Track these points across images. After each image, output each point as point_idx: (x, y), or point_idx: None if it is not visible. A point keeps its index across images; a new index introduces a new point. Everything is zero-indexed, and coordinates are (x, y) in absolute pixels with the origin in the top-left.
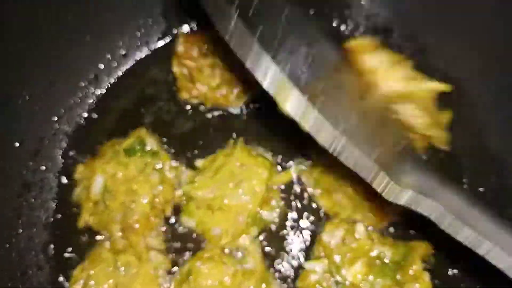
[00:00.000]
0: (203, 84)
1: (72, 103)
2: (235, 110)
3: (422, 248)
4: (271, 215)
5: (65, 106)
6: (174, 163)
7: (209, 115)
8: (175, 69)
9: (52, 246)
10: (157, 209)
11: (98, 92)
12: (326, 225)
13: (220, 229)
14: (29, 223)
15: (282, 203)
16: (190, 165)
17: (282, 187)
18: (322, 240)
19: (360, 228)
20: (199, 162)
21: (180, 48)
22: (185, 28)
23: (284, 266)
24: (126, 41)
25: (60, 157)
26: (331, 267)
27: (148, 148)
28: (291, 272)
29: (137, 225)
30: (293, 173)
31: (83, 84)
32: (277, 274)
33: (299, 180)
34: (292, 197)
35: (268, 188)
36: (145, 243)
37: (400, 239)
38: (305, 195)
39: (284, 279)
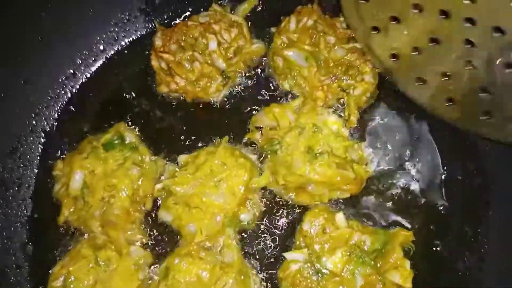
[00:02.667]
0: (182, 77)
1: (49, 100)
2: (215, 104)
3: (402, 235)
4: (248, 217)
5: (41, 103)
6: (154, 158)
7: (189, 109)
8: (154, 63)
9: (30, 244)
10: (137, 203)
11: (76, 87)
12: (306, 214)
13: (196, 227)
14: (6, 222)
15: (260, 205)
16: (171, 160)
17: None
18: (302, 229)
19: (340, 217)
20: (181, 158)
21: (158, 42)
22: (163, 21)
23: (263, 258)
24: (103, 35)
25: (38, 154)
26: (311, 257)
27: (127, 142)
28: (270, 263)
29: (117, 220)
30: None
31: (60, 80)
32: (256, 266)
33: None
34: (269, 197)
35: (247, 189)
36: (125, 238)
37: (380, 226)
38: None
39: (263, 270)
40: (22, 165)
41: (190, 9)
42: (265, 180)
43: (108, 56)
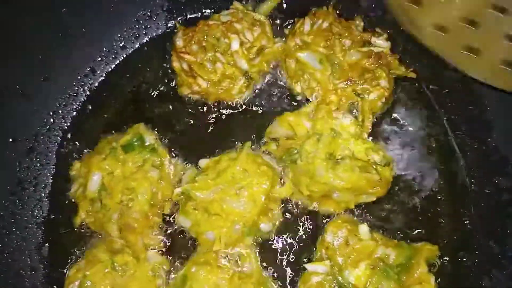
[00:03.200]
0: (204, 79)
1: (68, 98)
2: (238, 105)
3: (427, 250)
4: (268, 227)
5: (60, 101)
6: (174, 160)
7: (211, 111)
8: (175, 64)
9: (46, 246)
10: (155, 207)
11: (95, 86)
12: (329, 225)
13: (214, 235)
14: (22, 223)
15: (280, 215)
16: (192, 163)
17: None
18: (325, 240)
19: (363, 229)
20: (202, 162)
21: (179, 42)
22: (185, 19)
23: (283, 269)
24: (124, 33)
25: (55, 154)
26: (333, 269)
27: (146, 144)
28: (290, 275)
29: (135, 224)
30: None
31: (79, 78)
32: (276, 277)
33: None
34: (290, 207)
35: (268, 198)
36: (143, 243)
37: (405, 240)
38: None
39: (283, 281)
40: (39, 164)
41: (212, 7)
42: (288, 191)
43: (127, 55)
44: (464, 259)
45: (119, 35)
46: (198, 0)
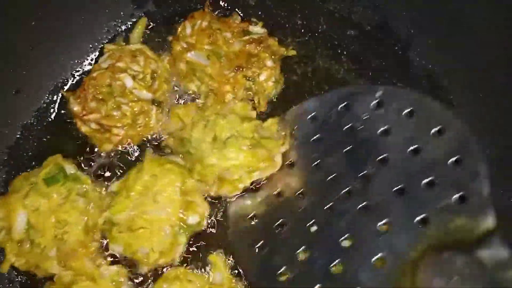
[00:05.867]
0: (118, 127)
1: None
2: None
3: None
4: (195, 219)
5: None
6: (97, 184)
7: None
8: (83, 128)
9: None
10: (91, 234)
11: None
12: None
13: (147, 248)
14: None
15: (206, 204)
16: (106, 190)
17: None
18: None
19: None
20: (113, 186)
21: (76, 107)
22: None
23: None
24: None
25: None
26: None
27: (68, 174)
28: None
29: (75, 252)
30: None
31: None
32: (247, 285)
33: None
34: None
35: (184, 193)
36: (91, 263)
37: None
38: None
39: None
40: None
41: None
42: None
43: None
44: None
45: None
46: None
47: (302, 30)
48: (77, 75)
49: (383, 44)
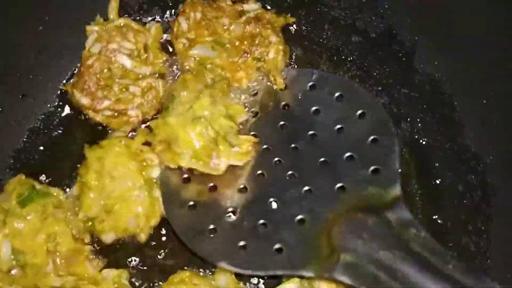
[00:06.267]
0: (130, 108)
1: None
2: None
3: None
4: (156, 171)
5: None
6: (67, 192)
7: None
8: (98, 118)
9: None
10: (80, 240)
11: None
12: None
13: (132, 218)
14: None
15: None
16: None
17: None
18: None
19: None
20: (74, 190)
21: (84, 100)
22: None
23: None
24: None
25: None
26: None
27: (38, 189)
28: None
29: (72, 259)
30: None
31: None
32: None
33: None
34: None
35: (134, 155)
36: (91, 267)
37: None
38: None
39: None
40: None
41: None
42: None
43: None
44: None
45: None
46: None
47: (306, 37)
48: None
49: (387, 51)
